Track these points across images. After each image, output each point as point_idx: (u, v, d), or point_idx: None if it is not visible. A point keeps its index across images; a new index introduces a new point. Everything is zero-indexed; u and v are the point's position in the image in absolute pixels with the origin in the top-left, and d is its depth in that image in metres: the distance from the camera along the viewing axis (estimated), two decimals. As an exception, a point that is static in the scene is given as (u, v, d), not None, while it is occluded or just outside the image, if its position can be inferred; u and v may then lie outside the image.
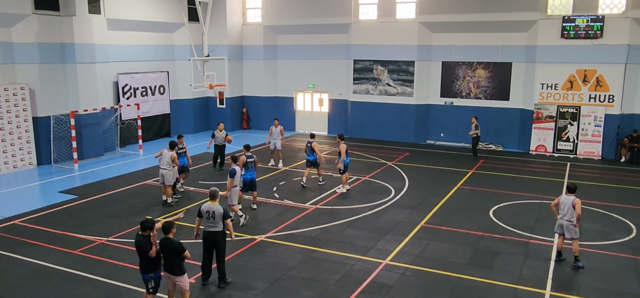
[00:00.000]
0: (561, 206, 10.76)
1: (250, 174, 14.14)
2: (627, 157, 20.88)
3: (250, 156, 14.20)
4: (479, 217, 13.93)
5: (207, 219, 9.58)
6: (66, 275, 10.35)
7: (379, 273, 10.43)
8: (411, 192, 16.33)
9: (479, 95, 23.99)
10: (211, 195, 9.69)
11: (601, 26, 20.63)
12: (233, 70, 27.26)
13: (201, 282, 9.82)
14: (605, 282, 10.14)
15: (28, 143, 19.35)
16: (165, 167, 14.57)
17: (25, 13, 18.71)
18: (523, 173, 18.77)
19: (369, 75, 25.66)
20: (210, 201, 9.64)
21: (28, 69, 19.10)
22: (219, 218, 9.49)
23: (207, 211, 9.55)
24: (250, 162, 14.12)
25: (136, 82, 23.81)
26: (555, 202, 11.01)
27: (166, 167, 14.57)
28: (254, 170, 14.28)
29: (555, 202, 10.98)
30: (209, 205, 9.58)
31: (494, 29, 22.88)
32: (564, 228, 10.73)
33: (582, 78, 21.46)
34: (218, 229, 9.52)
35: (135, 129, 23.12)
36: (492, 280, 10.14)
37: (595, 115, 21.36)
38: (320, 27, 26.21)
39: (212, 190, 9.73)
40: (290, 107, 28.32)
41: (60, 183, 17.34)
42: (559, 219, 10.83)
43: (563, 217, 10.70)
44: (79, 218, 13.71)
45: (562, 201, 10.77)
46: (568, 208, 10.59)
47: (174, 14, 24.95)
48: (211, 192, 9.72)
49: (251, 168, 14.16)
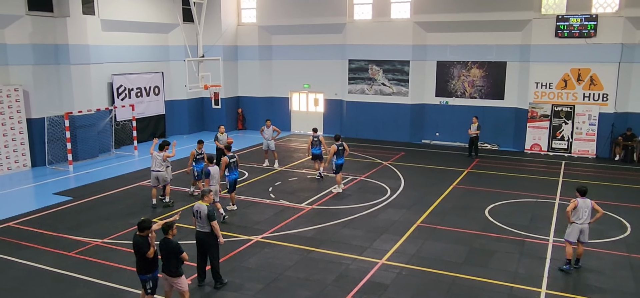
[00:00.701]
0: (580, 211, 10.24)
1: (233, 174, 14.04)
2: (621, 156, 20.98)
3: (232, 156, 14.10)
4: (475, 216, 13.97)
5: (197, 219, 9.64)
6: (61, 277, 10.31)
7: (375, 273, 10.44)
8: (407, 191, 16.35)
9: (473, 94, 24.05)
10: (201, 195, 9.77)
11: (595, 25, 20.72)
12: (228, 70, 27.21)
13: (197, 283, 9.81)
14: (600, 280, 10.18)
15: (22, 145, 19.25)
16: (158, 169, 14.47)
17: (19, 14, 18.62)
18: (518, 172, 18.83)
19: (364, 75, 25.68)
20: (200, 201, 9.68)
21: (22, 70, 19.01)
22: (205, 218, 9.49)
23: (196, 210, 9.60)
24: (233, 162, 14.01)
25: (131, 83, 23.73)
26: (571, 207, 10.30)
27: (159, 168, 14.46)
28: (236, 170, 14.17)
29: (572, 207, 10.29)
30: (198, 204, 9.62)
31: (488, 28, 22.94)
32: (583, 233, 10.29)
33: (576, 77, 21.55)
34: (206, 230, 9.53)
35: (130, 130, 23.05)
36: (487, 278, 10.16)
37: (590, 114, 21.46)
38: (315, 27, 26.21)
39: (203, 190, 9.86)
40: (285, 108, 28.30)
41: (55, 185, 17.27)
42: (578, 224, 10.27)
43: (585, 222, 10.27)
44: (73, 220, 13.65)
45: (582, 206, 10.24)
46: (589, 212, 10.26)
47: (168, 15, 24.89)
48: (201, 191, 9.85)
49: (234, 168, 14.04)
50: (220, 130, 18.35)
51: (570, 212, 10.30)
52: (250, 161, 20.53)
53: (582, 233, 10.30)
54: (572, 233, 10.34)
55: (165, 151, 14.68)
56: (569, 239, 10.39)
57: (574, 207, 10.26)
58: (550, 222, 13.46)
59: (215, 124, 27.84)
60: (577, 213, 10.27)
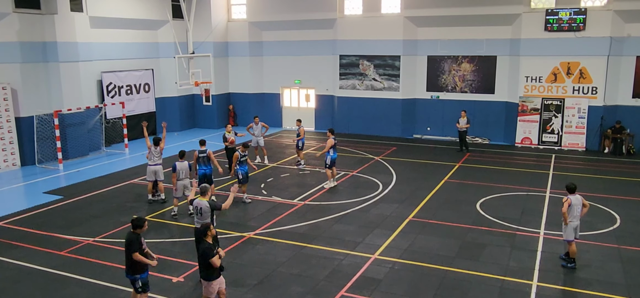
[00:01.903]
0: (574, 209, 10.17)
1: (203, 169, 14.05)
2: (611, 148, 21.17)
3: (203, 151, 14.12)
4: (466, 209, 14.04)
5: (196, 215, 9.66)
6: (53, 276, 10.24)
7: (368, 267, 10.48)
8: (399, 186, 16.40)
9: (464, 89, 24.14)
10: (201, 192, 9.72)
11: (584, 19, 20.86)
12: (219, 67, 27.11)
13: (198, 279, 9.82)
14: (591, 272, 10.28)
15: (11, 143, 19.07)
16: (158, 162, 14.52)
17: (6, 11, 18.39)
18: (509, 166, 18.96)
19: (355, 71, 25.69)
20: (200, 197, 9.65)
21: (10, 69, 18.80)
22: (206, 214, 9.49)
23: (195, 207, 9.61)
24: (202, 157, 14.06)
25: (120, 80, 23.56)
26: (566, 207, 10.15)
27: (159, 162, 14.54)
28: (207, 166, 14.11)
29: (567, 207, 10.14)
30: (198, 201, 9.63)
31: (478, 22, 23.02)
32: (577, 229, 10.28)
33: (566, 70, 21.70)
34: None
35: (120, 128, 22.89)
36: (479, 272, 10.24)
37: (579, 107, 21.62)
38: (305, 23, 26.16)
39: (201, 187, 9.78)
40: (277, 104, 28.24)
41: (45, 184, 17.13)
42: (573, 222, 10.20)
43: (578, 218, 10.24)
44: (64, 219, 13.56)
45: (575, 203, 10.18)
46: (580, 207, 10.25)
47: (157, 11, 24.71)
48: (201, 189, 9.75)
49: (203, 163, 14.05)
50: (227, 129, 18.30)
51: (567, 212, 10.15)
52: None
53: (576, 230, 10.28)
54: (570, 233, 10.23)
55: (162, 144, 14.82)
56: (569, 239, 10.28)
57: (569, 205, 10.15)
58: (541, 215, 13.57)
59: (207, 120, 27.82)
60: (572, 211, 10.19)
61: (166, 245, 11.71)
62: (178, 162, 13.50)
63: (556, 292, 9.47)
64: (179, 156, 13.81)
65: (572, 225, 10.20)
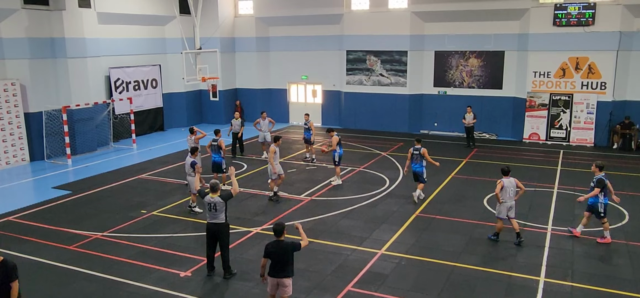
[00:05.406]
0: (507, 191, 11.12)
1: (214, 157, 15.35)
2: (619, 144, 21.02)
3: (215, 140, 15.42)
4: (473, 205, 14.01)
5: (209, 211, 9.57)
6: (61, 270, 10.33)
7: (374, 263, 10.48)
8: (405, 181, 16.35)
9: (472, 84, 24.04)
10: (212, 188, 9.54)
11: (593, 13, 20.68)
12: (225, 62, 27.14)
13: (206, 273, 9.93)
14: (599, 267, 10.24)
15: (20, 139, 19.22)
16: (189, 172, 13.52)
17: (15, 8, 18.52)
18: (517, 162, 18.85)
19: (362, 66, 25.64)
20: (211, 194, 9.52)
21: (18, 65, 18.94)
22: (221, 209, 9.49)
23: (209, 203, 9.52)
24: (214, 145, 15.44)
25: (128, 76, 23.66)
26: (498, 188, 11.12)
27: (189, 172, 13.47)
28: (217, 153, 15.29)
29: (499, 188, 11.11)
30: (210, 197, 9.49)
31: (486, 17, 22.89)
32: (511, 209, 11.24)
33: (574, 65, 21.54)
34: (220, 221, 9.56)
35: (128, 123, 23.00)
36: (486, 267, 10.21)
37: (588, 103, 21.47)
38: (312, 18, 26.12)
39: (212, 183, 9.62)
40: (283, 99, 28.26)
41: (54, 179, 17.26)
42: (507, 202, 11.17)
43: (511, 199, 11.19)
44: (73, 214, 13.66)
45: (507, 185, 11.13)
46: (513, 190, 11.18)
47: (165, 7, 24.76)
48: (211, 185, 9.58)
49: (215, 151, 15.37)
50: (235, 116, 20.03)
51: (499, 193, 11.10)
52: (248, 153, 20.54)
53: (510, 210, 11.23)
54: (502, 211, 11.26)
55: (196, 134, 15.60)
56: (501, 216, 11.32)
57: (501, 187, 11.11)
58: (549, 211, 13.51)
59: (214, 116, 27.89)
60: (505, 192, 11.13)
61: (173, 240, 11.77)
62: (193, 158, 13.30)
63: (564, 288, 9.43)
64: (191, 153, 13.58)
65: (505, 205, 11.19)
